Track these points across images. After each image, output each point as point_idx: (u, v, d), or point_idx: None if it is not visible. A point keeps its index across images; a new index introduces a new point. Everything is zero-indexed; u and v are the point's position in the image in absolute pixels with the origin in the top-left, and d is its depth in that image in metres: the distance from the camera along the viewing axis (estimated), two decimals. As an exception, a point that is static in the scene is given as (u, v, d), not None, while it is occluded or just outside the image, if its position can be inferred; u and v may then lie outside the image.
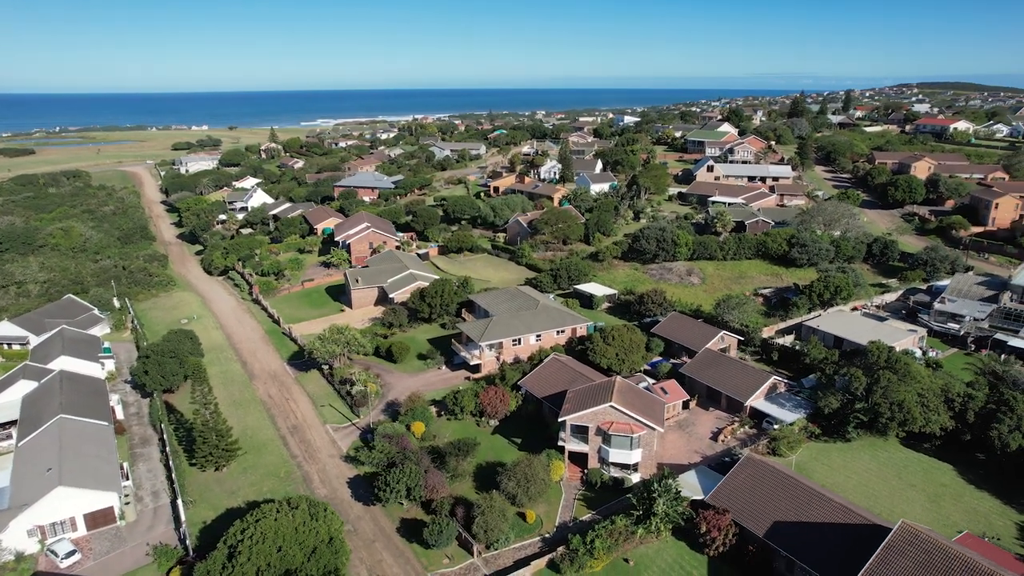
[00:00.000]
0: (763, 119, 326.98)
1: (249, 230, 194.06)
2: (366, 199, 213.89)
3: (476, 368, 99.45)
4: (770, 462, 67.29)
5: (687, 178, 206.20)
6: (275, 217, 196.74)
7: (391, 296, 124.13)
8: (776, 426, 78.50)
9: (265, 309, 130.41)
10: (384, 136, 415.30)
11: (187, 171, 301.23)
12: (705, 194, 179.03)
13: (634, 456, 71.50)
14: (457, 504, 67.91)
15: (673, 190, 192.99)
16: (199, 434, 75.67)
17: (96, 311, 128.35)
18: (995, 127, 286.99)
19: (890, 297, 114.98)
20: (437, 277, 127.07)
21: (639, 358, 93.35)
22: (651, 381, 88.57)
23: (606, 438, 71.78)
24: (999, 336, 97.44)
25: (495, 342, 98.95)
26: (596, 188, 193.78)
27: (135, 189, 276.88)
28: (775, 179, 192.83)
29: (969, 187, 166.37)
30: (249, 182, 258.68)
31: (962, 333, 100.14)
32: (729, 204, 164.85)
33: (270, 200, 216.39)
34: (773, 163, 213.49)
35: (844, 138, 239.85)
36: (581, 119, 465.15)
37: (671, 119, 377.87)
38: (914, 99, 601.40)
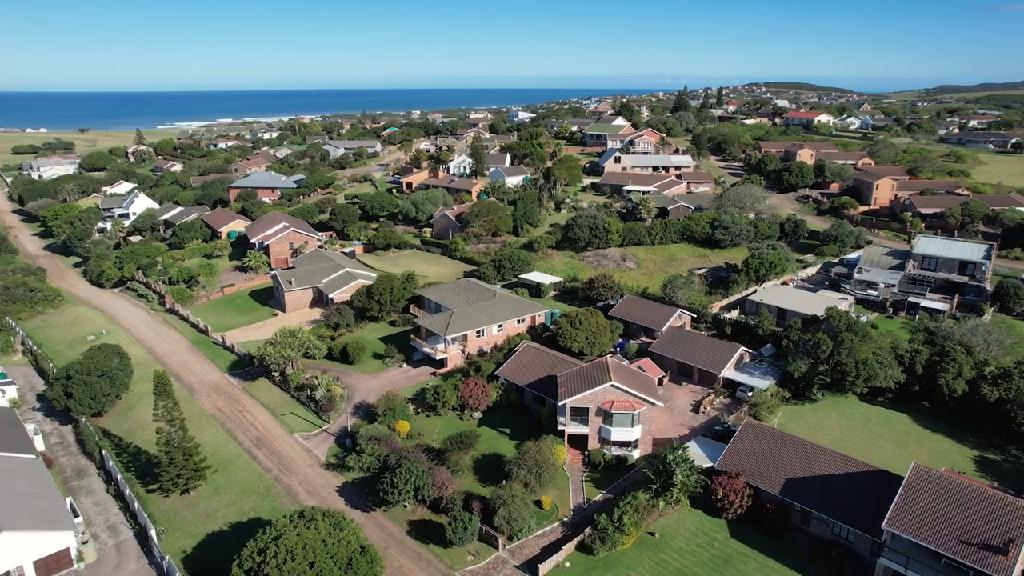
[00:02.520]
0: (648, 114, 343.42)
1: (139, 237, 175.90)
2: (266, 200, 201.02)
3: (441, 363, 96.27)
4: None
5: (594, 169, 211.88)
6: (167, 223, 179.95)
7: (330, 296, 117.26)
8: (750, 393, 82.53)
9: (185, 319, 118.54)
10: (266, 136, 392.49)
11: (41, 176, 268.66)
12: (619, 184, 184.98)
13: (635, 433, 72.28)
14: (469, 499, 65.32)
15: (586, 181, 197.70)
16: (164, 454, 67.24)
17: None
18: (848, 120, 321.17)
19: (811, 271, 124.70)
20: (375, 275, 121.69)
21: (607, 340, 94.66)
22: (626, 361, 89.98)
23: (607, 417, 71.99)
24: (911, 299, 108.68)
25: (459, 335, 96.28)
26: (511, 181, 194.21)
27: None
28: (678, 168, 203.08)
29: (848, 172, 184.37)
30: (124, 187, 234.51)
31: (880, 298, 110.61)
32: (645, 192, 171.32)
33: (156, 205, 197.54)
34: (672, 153, 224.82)
35: (730, 129, 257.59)
36: (473, 115, 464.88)
37: (563, 115, 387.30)
38: (764, 96, 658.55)
